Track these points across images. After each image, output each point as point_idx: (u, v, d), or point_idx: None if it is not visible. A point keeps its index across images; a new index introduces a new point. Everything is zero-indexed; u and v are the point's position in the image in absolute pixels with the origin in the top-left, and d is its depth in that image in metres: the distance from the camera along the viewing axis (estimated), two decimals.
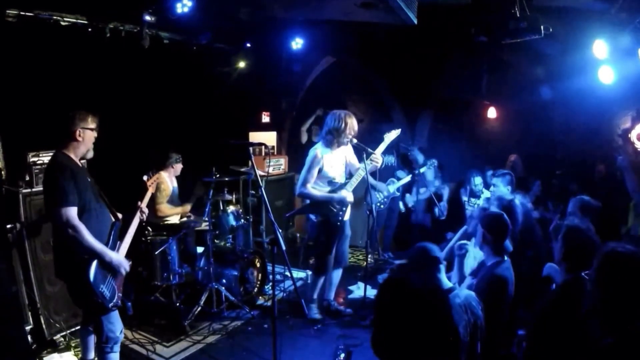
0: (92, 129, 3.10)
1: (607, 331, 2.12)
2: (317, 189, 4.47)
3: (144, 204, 3.44)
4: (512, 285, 3.11)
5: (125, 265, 3.11)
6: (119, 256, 3.07)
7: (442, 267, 2.77)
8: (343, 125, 4.36)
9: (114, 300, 3.03)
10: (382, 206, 6.30)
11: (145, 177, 3.58)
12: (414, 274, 2.70)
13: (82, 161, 3.20)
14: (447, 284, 2.73)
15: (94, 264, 2.90)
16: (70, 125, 3.03)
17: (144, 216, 3.43)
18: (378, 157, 4.42)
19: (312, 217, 4.60)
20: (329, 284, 4.81)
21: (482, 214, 3.36)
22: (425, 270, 2.68)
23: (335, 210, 4.48)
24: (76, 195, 2.89)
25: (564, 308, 2.59)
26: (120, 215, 3.33)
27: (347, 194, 4.49)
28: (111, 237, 3.11)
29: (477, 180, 6.11)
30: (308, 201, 4.61)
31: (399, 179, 6.49)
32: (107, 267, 3.00)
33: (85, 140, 3.08)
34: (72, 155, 3.05)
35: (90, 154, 3.16)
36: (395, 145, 7.72)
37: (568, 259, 2.78)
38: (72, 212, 2.85)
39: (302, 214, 5.57)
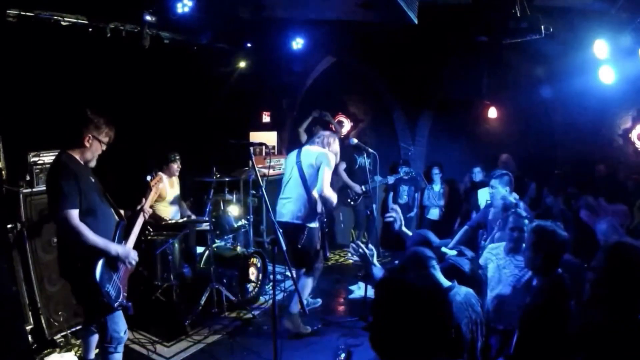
0: (101, 142, 3.03)
1: (613, 318, 2.18)
2: None
3: (147, 204, 3.41)
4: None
5: (132, 255, 3.06)
6: (124, 247, 3.03)
7: (437, 266, 2.78)
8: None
9: (120, 300, 3.01)
10: (352, 202, 6.75)
11: (149, 177, 3.57)
12: (410, 273, 2.72)
13: None
14: (445, 282, 2.74)
15: (100, 263, 2.88)
16: (83, 128, 2.95)
17: (147, 215, 3.41)
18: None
19: (314, 226, 4.48)
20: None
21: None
22: (419, 270, 2.70)
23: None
24: (78, 197, 2.85)
25: (557, 303, 2.64)
26: (123, 214, 3.31)
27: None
28: (116, 237, 3.08)
29: (476, 170, 6.42)
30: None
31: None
32: (113, 264, 2.98)
33: (93, 149, 3.01)
34: (77, 157, 2.99)
35: (93, 164, 3.09)
36: (396, 146, 7.76)
37: (546, 261, 2.81)
38: (73, 214, 2.81)
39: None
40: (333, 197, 4.37)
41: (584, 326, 2.35)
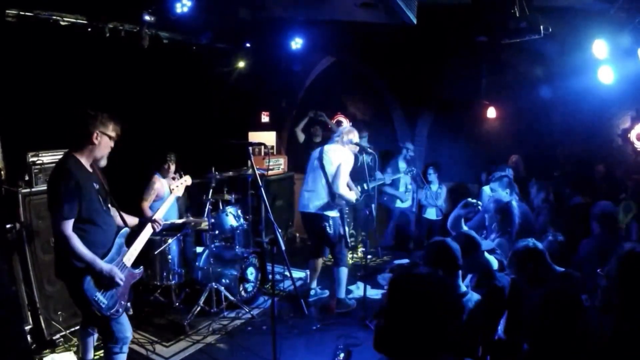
0: (110, 137, 2.96)
1: (624, 325, 2.17)
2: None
3: (160, 213, 3.38)
4: None
5: (118, 275, 2.91)
6: (111, 266, 2.89)
7: (460, 272, 2.77)
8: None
9: (114, 308, 2.93)
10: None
11: (173, 179, 3.49)
12: (436, 271, 2.72)
13: None
14: (462, 287, 2.75)
15: (89, 272, 2.84)
16: (90, 126, 2.87)
17: (158, 227, 3.37)
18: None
19: (335, 215, 4.82)
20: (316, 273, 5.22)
21: None
22: (445, 271, 2.68)
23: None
24: (77, 206, 2.78)
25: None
26: (133, 221, 3.27)
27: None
28: (114, 244, 3.00)
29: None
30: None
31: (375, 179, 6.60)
32: (103, 277, 2.87)
33: (102, 145, 2.93)
34: (84, 160, 2.91)
35: (104, 162, 3.01)
36: (395, 146, 7.75)
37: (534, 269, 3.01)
38: (67, 224, 2.75)
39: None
40: (349, 195, 4.77)
41: (594, 332, 2.34)
